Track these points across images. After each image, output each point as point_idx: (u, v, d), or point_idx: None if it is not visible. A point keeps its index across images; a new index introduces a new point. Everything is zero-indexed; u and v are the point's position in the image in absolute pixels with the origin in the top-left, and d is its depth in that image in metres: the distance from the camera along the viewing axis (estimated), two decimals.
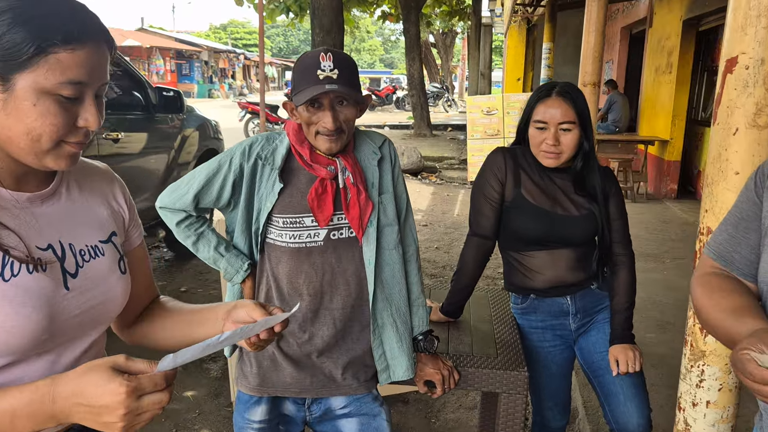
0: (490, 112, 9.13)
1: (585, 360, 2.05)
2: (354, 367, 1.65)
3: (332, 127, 1.49)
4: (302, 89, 1.48)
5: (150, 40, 34.38)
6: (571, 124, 1.85)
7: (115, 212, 1.12)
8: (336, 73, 1.47)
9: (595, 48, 3.59)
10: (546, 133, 1.87)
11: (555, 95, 1.88)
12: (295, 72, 1.54)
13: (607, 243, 1.96)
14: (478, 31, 19.09)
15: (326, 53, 1.49)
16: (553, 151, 1.87)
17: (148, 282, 1.23)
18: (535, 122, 1.90)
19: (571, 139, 1.86)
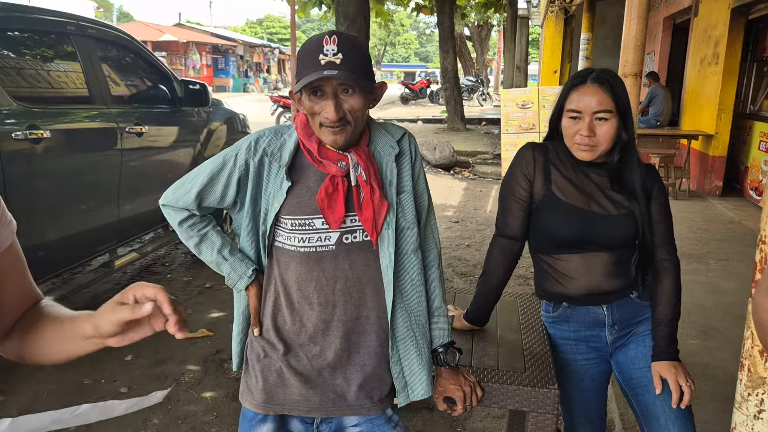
0: (525, 106, 8.88)
1: (623, 376, 1.87)
2: (368, 384, 1.50)
3: (334, 117, 1.34)
4: (304, 75, 1.34)
5: (187, 35, 34.76)
6: (607, 113, 1.68)
7: None
8: (339, 58, 1.33)
9: (637, 36, 3.36)
10: (580, 123, 1.70)
11: (590, 82, 1.70)
12: (298, 57, 1.40)
13: (649, 247, 1.78)
14: (514, 23, 18.73)
15: (331, 36, 1.34)
16: (588, 143, 1.69)
17: (22, 286, 1.08)
18: (568, 111, 1.72)
19: (608, 129, 1.69)
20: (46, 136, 3.06)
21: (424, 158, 10.13)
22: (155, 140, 4.14)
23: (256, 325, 1.52)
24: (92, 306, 0.96)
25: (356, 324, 1.48)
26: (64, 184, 3.27)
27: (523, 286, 4.64)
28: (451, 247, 5.73)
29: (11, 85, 3.05)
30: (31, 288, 1.10)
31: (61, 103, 3.50)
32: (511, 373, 1.71)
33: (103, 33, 3.90)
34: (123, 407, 0.90)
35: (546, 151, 1.82)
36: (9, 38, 3.29)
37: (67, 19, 3.56)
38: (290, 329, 1.49)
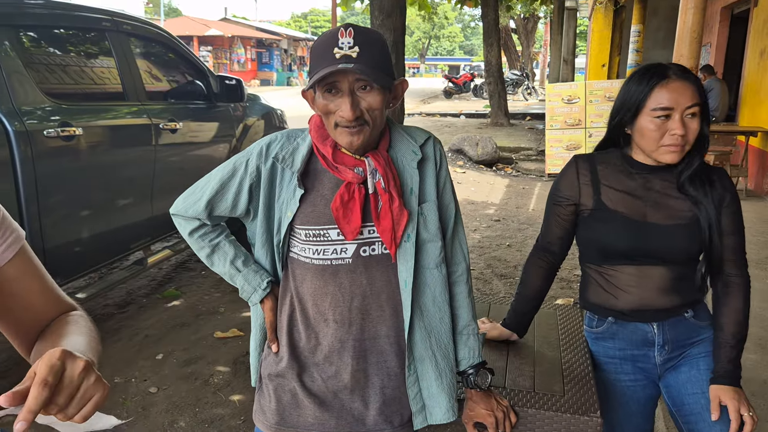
0: (572, 101, 8.61)
1: (673, 401, 1.71)
2: (388, 408, 1.39)
3: (350, 116, 1.22)
4: (316, 70, 1.22)
5: (232, 29, 35.21)
6: (697, 108, 1.53)
7: None
8: (356, 51, 1.20)
9: (693, 27, 3.14)
10: (670, 122, 1.53)
11: (675, 76, 1.54)
12: (312, 52, 1.28)
13: (717, 260, 1.61)
14: (561, 15, 18.28)
15: (347, 28, 1.22)
16: (680, 143, 1.53)
17: (45, 297, 1.01)
18: (654, 111, 1.54)
19: (697, 126, 1.54)
20: (78, 133, 3.04)
21: (466, 154, 9.94)
22: (189, 136, 4.10)
23: (273, 340, 1.42)
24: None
25: (375, 344, 1.37)
26: (97, 181, 3.25)
27: (565, 290, 4.45)
28: (491, 247, 5.56)
29: (44, 81, 3.04)
30: (57, 298, 1.04)
31: (94, 99, 3.48)
32: (549, 397, 1.57)
33: (138, 29, 3.87)
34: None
35: (593, 162, 1.68)
36: (43, 34, 3.28)
37: (102, 15, 3.54)
38: (305, 347, 1.38)
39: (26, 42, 3.09)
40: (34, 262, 1.02)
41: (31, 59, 3.02)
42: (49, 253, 2.92)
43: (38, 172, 2.81)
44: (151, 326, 3.79)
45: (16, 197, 2.73)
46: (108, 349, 3.47)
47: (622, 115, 1.61)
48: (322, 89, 1.24)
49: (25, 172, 2.74)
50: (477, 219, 6.61)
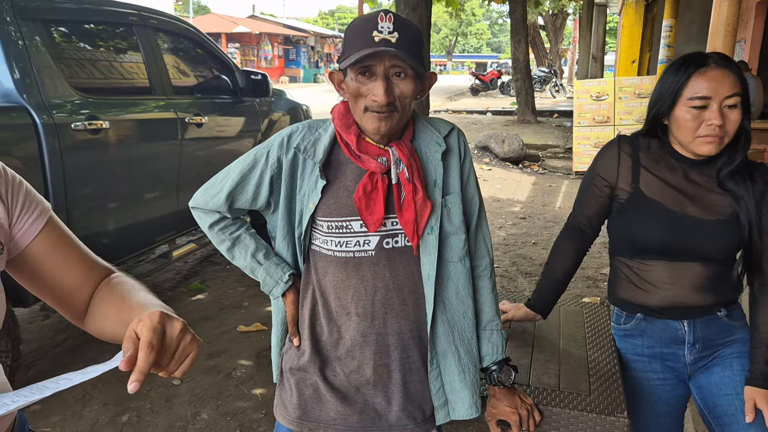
0: (600, 98, 8.46)
1: (705, 403, 1.65)
2: (411, 404, 1.36)
3: (384, 100, 1.20)
4: (352, 52, 1.20)
5: (260, 26, 35.44)
6: (737, 98, 1.46)
7: None
8: (395, 37, 1.19)
9: (728, 21, 3.05)
10: (707, 112, 1.47)
11: (714, 64, 1.48)
12: (347, 33, 1.26)
13: (756, 259, 1.55)
14: (590, 11, 18.02)
15: (386, 14, 1.20)
16: (717, 134, 1.47)
17: (82, 264, 1.02)
18: (691, 100, 1.48)
19: (736, 118, 1.47)
20: (105, 126, 3.07)
21: (492, 151, 9.85)
22: (215, 131, 4.12)
23: (295, 334, 1.40)
24: None
25: (398, 338, 1.34)
26: (123, 175, 3.28)
27: (591, 288, 4.38)
28: (517, 245, 5.50)
29: (72, 76, 3.07)
30: (93, 264, 1.05)
31: (121, 93, 3.51)
32: (575, 396, 1.53)
33: (165, 24, 3.89)
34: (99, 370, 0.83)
35: (636, 146, 1.62)
36: (72, 29, 3.31)
37: (130, 10, 3.57)
38: (327, 340, 1.37)
39: (56, 37, 3.12)
40: (65, 232, 1.03)
41: (60, 54, 3.06)
42: None
43: (66, 165, 2.84)
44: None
45: (44, 189, 2.76)
46: None
47: (659, 106, 1.56)
48: (356, 71, 1.22)
49: (53, 164, 2.77)
50: (502, 216, 6.55)
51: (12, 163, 2.62)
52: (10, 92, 2.72)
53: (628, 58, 11.48)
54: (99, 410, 2.79)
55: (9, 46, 2.71)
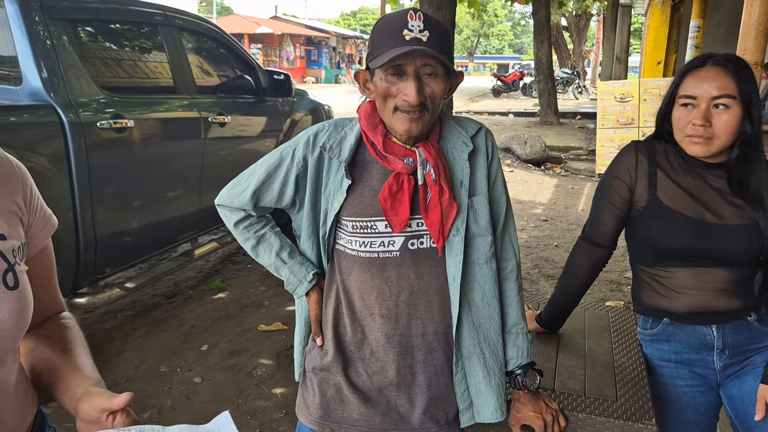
0: (624, 99, 8.36)
1: (737, 413, 1.61)
2: (434, 406, 1.35)
3: (416, 100, 1.19)
4: (384, 51, 1.18)
5: (282, 27, 35.65)
6: (729, 100, 1.42)
7: (8, 209, 0.87)
8: (426, 36, 1.17)
9: (759, 20, 2.99)
10: (694, 111, 1.45)
11: (711, 64, 1.45)
12: (376, 32, 1.24)
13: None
14: (615, 12, 17.83)
15: (416, 12, 1.19)
16: (702, 135, 1.44)
17: (49, 293, 1.01)
18: (681, 98, 1.48)
19: (728, 120, 1.43)
20: (130, 125, 3.09)
21: (514, 152, 9.79)
22: (238, 130, 4.14)
23: (318, 333, 1.39)
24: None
25: (422, 340, 1.33)
26: (147, 173, 3.31)
27: (615, 292, 4.32)
28: (539, 247, 5.45)
29: (98, 75, 3.10)
30: (56, 295, 1.05)
31: (146, 92, 3.54)
32: (600, 402, 1.50)
33: (189, 23, 3.92)
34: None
35: (652, 151, 1.59)
36: (99, 29, 3.35)
37: (155, 10, 3.60)
38: (351, 341, 1.36)
39: (83, 36, 3.16)
40: (53, 254, 1.03)
41: (86, 53, 3.09)
42: (101, 242, 2.97)
43: (91, 163, 2.87)
44: (196, 317, 3.84)
45: (70, 187, 2.79)
46: (154, 338, 3.53)
47: (664, 104, 1.56)
48: (386, 71, 1.21)
49: (79, 162, 2.80)
50: (524, 218, 6.49)
51: (39, 160, 2.65)
52: (38, 91, 2.75)
53: (654, 59, 11.33)
54: None
55: (37, 45, 2.74)
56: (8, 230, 0.86)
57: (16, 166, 0.91)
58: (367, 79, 1.28)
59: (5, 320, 0.81)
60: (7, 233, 0.85)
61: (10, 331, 0.82)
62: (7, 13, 2.72)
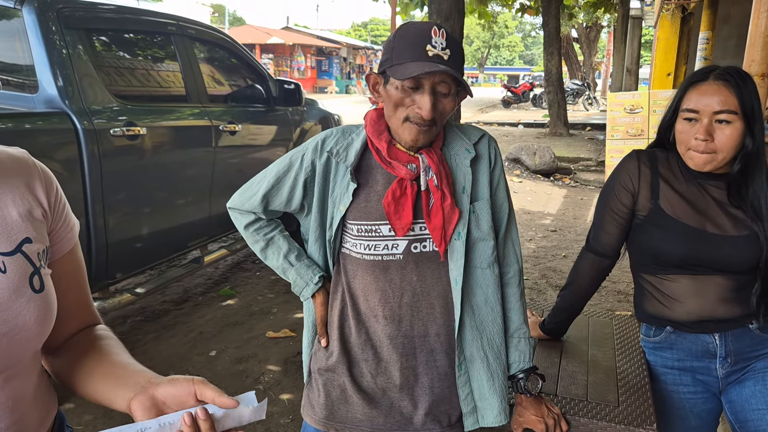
0: (634, 111, 8.36)
1: (736, 417, 1.62)
2: (437, 408, 1.37)
3: (429, 115, 1.22)
4: (405, 62, 1.21)
5: (293, 37, 35.90)
6: (731, 115, 1.44)
7: (32, 212, 0.88)
8: (447, 54, 1.21)
9: (766, 32, 3.00)
10: (696, 126, 1.47)
11: (713, 78, 1.47)
12: (397, 40, 1.26)
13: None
14: (625, 23, 17.84)
15: (440, 28, 1.22)
16: (704, 149, 1.46)
17: (80, 299, 1.00)
18: (683, 112, 1.50)
19: (730, 134, 1.45)
20: (142, 132, 3.14)
21: (523, 163, 9.80)
22: (248, 138, 4.19)
23: (323, 335, 1.42)
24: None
25: (424, 341, 1.35)
26: (158, 180, 3.36)
27: (623, 303, 4.31)
28: (547, 258, 5.45)
29: (112, 83, 3.16)
30: (87, 305, 1.03)
31: (158, 101, 3.60)
32: (602, 407, 1.52)
33: (202, 33, 3.98)
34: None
35: (654, 160, 1.61)
36: (113, 38, 3.41)
37: (169, 20, 3.66)
38: (355, 342, 1.38)
39: (97, 45, 3.22)
40: (82, 263, 1.01)
41: (101, 61, 3.15)
42: (112, 248, 3.02)
43: (104, 169, 2.92)
44: (205, 323, 3.87)
45: (83, 192, 2.84)
46: (163, 343, 3.56)
47: (665, 117, 1.58)
48: (404, 82, 1.23)
49: (92, 168, 2.85)
50: (533, 229, 6.50)
51: (53, 166, 2.69)
52: (54, 98, 2.81)
53: (664, 70, 11.33)
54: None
55: (53, 54, 2.81)
56: (34, 234, 0.86)
57: (40, 169, 0.92)
58: (378, 83, 1.31)
59: (31, 323, 0.82)
60: (33, 237, 0.86)
61: (35, 333, 0.83)
62: (24, 23, 2.79)
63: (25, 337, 0.82)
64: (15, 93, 2.92)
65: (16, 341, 0.81)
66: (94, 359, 0.94)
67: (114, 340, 0.99)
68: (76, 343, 0.98)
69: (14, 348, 0.81)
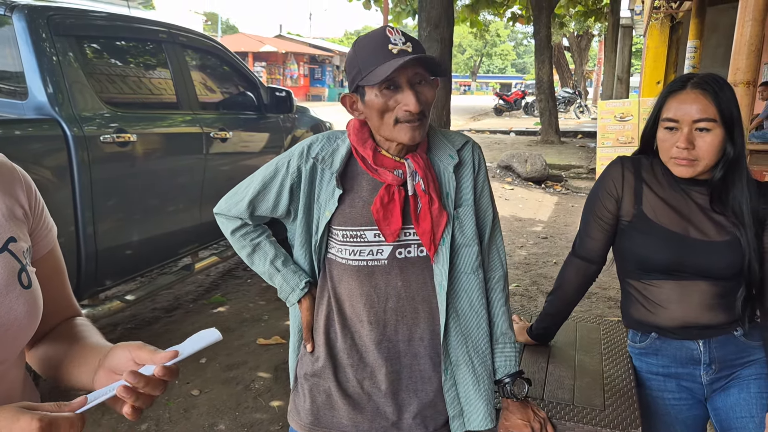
0: (624, 118, 8.42)
1: (721, 425, 1.63)
2: (423, 412, 1.38)
3: (417, 108, 1.23)
4: (374, 68, 1.22)
5: (286, 45, 35.95)
6: (710, 123, 1.46)
7: (14, 213, 0.92)
8: (410, 47, 1.22)
9: (751, 40, 3.03)
10: (677, 134, 1.49)
11: (691, 87, 1.49)
12: (358, 52, 1.27)
13: (756, 280, 1.53)
14: (615, 32, 17.98)
15: (392, 29, 1.24)
16: (686, 157, 1.48)
17: (59, 295, 1.04)
18: (664, 121, 1.52)
19: (711, 142, 1.47)
20: (132, 139, 3.15)
21: (515, 170, 9.84)
22: (239, 146, 4.19)
23: (308, 340, 1.43)
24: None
25: (409, 346, 1.36)
26: (149, 187, 3.35)
27: (613, 309, 4.33)
28: (538, 264, 5.47)
29: (102, 90, 3.16)
30: (68, 299, 1.07)
31: (149, 108, 3.60)
32: (588, 411, 1.53)
33: (193, 41, 3.99)
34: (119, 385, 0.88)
35: (638, 166, 1.62)
36: (104, 45, 3.42)
37: (160, 27, 3.67)
38: (341, 347, 1.39)
39: (88, 52, 3.23)
40: (62, 262, 1.05)
41: (91, 69, 3.15)
42: (102, 255, 3.01)
43: (94, 176, 2.91)
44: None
45: (72, 199, 2.84)
46: None
47: (648, 126, 1.60)
48: (380, 87, 1.24)
49: (82, 175, 2.85)
50: (524, 236, 6.52)
51: (42, 173, 2.70)
52: (44, 105, 2.81)
53: (653, 79, 11.43)
54: (118, 419, 2.82)
55: (44, 61, 2.81)
56: (18, 233, 0.90)
57: (20, 173, 0.96)
58: (355, 101, 1.31)
59: (22, 317, 0.85)
60: (17, 236, 0.90)
61: (26, 327, 0.87)
62: (14, 30, 2.79)
63: (17, 332, 0.85)
64: (5, 100, 2.92)
65: (8, 336, 0.84)
66: (70, 347, 0.98)
67: (88, 326, 1.04)
68: (56, 335, 1.02)
69: (7, 342, 0.84)
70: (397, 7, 13.84)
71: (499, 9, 16.61)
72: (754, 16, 3.06)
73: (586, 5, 18.82)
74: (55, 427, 0.73)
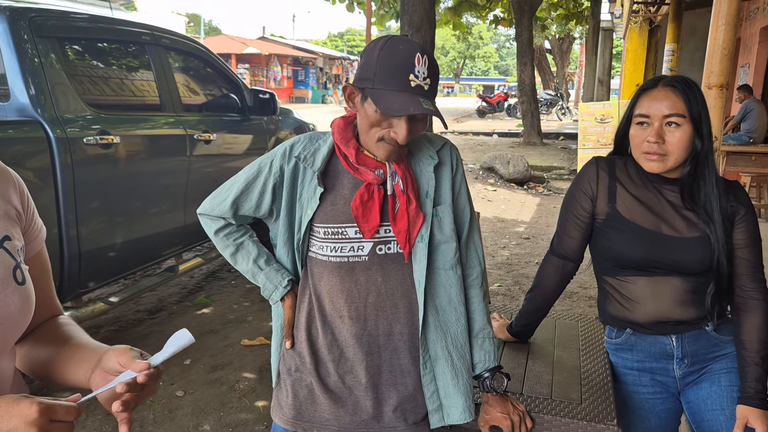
0: (604, 120, 8.54)
1: (694, 418, 1.68)
2: (403, 405, 1.41)
3: (404, 141, 1.28)
4: (387, 91, 1.24)
5: (269, 47, 35.85)
6: (679, 118, 1.52)
7: (8, 213, 0.95)
8: (428, 84, 1.26)
9: (725, 45, 3.11)
10: (648, 129, 1.55)
11: (662, 85, 1.56)
12: (381, 60, 1.26)
13: (724, 275, 1.59)
14: (596, 35, 18.19)
15: (423, 55, 1.25)
16: (656, 151, 1.54)
17: (46, 296, 1.07)
18: (636, 117, 1.58)
19: (680, 137, 1.53)
20: (116, 141, 3.15)
21: (497, 172, 9.92)
22: (223, 148, 4.20)
23: (288, 336, 1.46)
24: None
25: (388, 340, 1.40)
26: (132, 189, 3.35)
27: (594, 308, 4.39)
28: (520, 264, 5.53)
29: (85, 92, 3.16)
30: (52, 299, 1.10)
31: (132, 110, 3.60)
32: (566, 404, 1.57)
33: (176, 43, 4.00)
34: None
35: (612, 166, 1.68)
36: (86, 47, 3.41)
37: (143, 29, 3.68)
38: (322, 343, 1.42)
39: (70, 54, 3.22)
40: (48, 260, 1.09)
41: (74, 70, 3.15)
42: (85, 257, 3.01)
43: (77, 178, 2.91)
44: None
45: (55, 201, 2.83)
46: None
47: (622, 124, 1.66)
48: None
49: (65, 177, 2.85)
50: (506, 236, 6.59)
51: (25, 175, 2.69)
52: (26, 107, 2.81)
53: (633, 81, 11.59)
54: (102, 420, 2.83)
55: (26, 62, 2.80)
56: (12, 232, 0.93)
57: (13, 175, 0.99)
58: (355, 94, 1.33)
59: (16, 313, 0.88)
60: (12, 235, 0.93)
61: (19, 322, 0.90)
62: None
63: (10, 327, 0.88)
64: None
65: (2, 330, 0.87)
66: (60, 346, 1.01)
67: (73, 324, 1.08)
68: (41, 333, 1.04)
69: (2, 337, 0.87)
70: (381, 9, 13.90)
71: (482, 12, 16.73)
72: (727, 21, 3.14)
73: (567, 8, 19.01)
74: (53, 412, 0.76)
